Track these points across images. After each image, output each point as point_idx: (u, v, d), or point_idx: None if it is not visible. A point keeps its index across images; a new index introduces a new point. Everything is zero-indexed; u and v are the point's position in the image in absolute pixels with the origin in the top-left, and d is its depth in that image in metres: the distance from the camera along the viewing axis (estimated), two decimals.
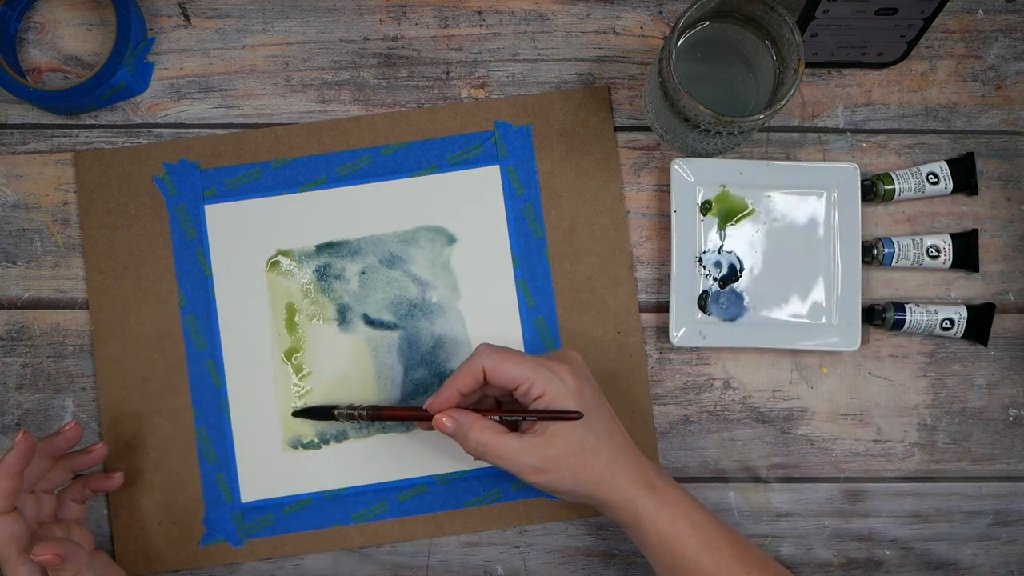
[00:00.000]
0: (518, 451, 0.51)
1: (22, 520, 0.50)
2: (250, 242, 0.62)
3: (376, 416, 0.56)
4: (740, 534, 0.54)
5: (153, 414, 0.61)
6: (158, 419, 0.60)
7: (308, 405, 0.60)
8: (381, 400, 0.61)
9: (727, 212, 0.62)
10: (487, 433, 0.52)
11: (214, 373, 0.61)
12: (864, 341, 0.61)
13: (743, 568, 0.51)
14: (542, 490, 0.54)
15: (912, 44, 0.61)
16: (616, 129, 0.63)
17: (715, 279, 0.61)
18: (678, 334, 0.60)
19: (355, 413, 0.57)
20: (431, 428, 0.54)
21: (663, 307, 0.62)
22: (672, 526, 0.52)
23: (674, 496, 0.53)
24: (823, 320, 0.61)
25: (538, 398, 0.52)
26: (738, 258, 0.62)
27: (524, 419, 0.53)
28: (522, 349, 0.61)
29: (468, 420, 0.52)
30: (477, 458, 0.53)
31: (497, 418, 0.53)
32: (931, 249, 0.61)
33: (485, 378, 0.53)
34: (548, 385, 0.51)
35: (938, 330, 0.61)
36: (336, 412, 0.57)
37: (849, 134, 0.64)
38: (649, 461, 0.54)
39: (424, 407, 0.54)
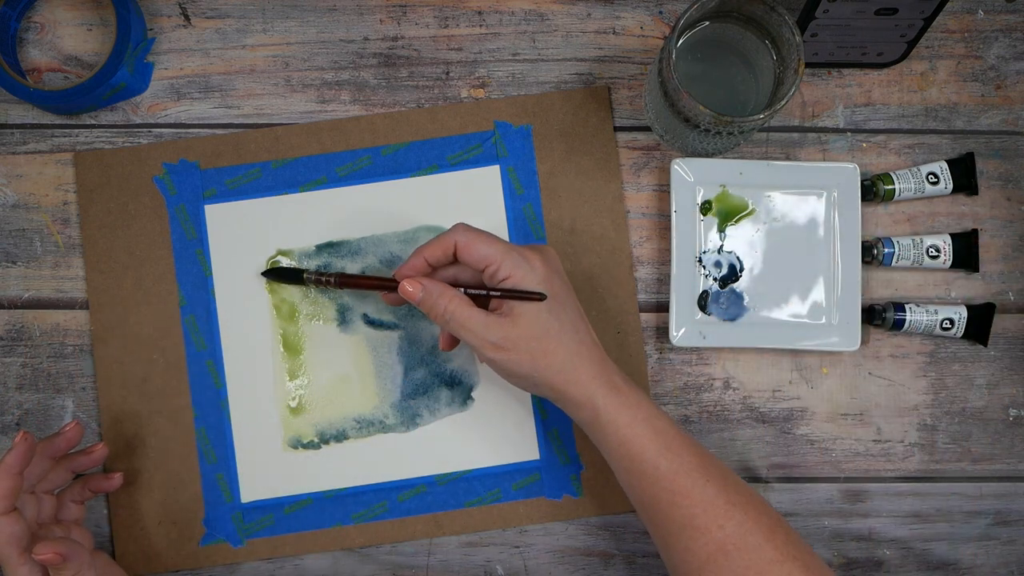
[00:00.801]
0: (482, 325, 0.52)
1: (22, 520, 0.50)
2: (250, 242, 0.62)
3: (344, 283, 0.57)
4: (701, 445, 0.53)
5: (153, 414, 0.61)
6: (158, 419, 0.60)
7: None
8: (382, 400, 0.61)
9: (727, 212, 0.62)
10: (455, 302, 0.52)
11: (214, 373, 0.61)
12: (864, 341, 0.61)
13: (702, 476, 0.51)
14: (500, 372, 0.54)
15: (912, 44, 0.61)
16: (616, 129, 0.63)
17: (715, 279, 0.61)
18: (678, 334, 0.60)
19: (323, 279, 0.58)
20: (398, 302, 0.55)
21: (663, 307, 0.62)
22: (632, 428, 0.51)
23: (636, 399, 0.52)
24: (823, 320, 0.61)
25: (505, 279, 0.52)
26: (738, 258, 0.62)
27: (488, 295, 0.53)
28: None
29: (437, 288, 0.53)
30: (442, 326, 0.53)
31: (463, 291, 0.53)
32: (931, 249, 0.61)
33: (456, 255, 0.53)
34: (516, 268, 0.52)
35: (938, 330, 0.61)
36: (305, 276, 0.58)
37: (849, 134, 0.64)
38: (613, 363, 0.54)
39: (392, 276, 0.55)
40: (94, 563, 0.52)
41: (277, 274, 0.60)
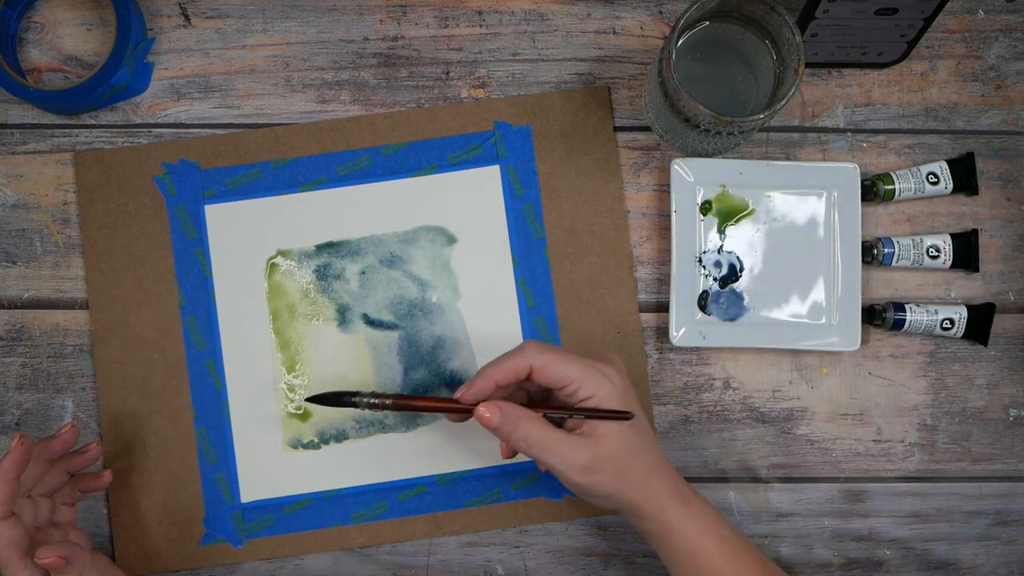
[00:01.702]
0: (568, 448, 0.50)
1: (20, 525, 0.50)
2: (250, 242, 0.62)
3: (401, 406, 0.53)
4: (761, 551, 0.54)
5: (153, 414, 0.61)
6: (158, 419, 0.60)
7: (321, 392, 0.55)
8: None
9: (727, 212, 0.62)
10: (537, 426, 0.51)
11: (214, 373, 0.61)
12: (864, 341, 0.61)
13: None
14: (580, 493, 0.53)
15: (912, 44, 0.61)
16: (616, 129, 0.63)
17: (715, 279, 0.61)
18: (678, 334, 0.60)
19: (378, 402, 0.53)
20: (462, 419, 0.53)
21: (663, 307, 0.62)
22: (700, 538, 0.52)
23: (701, 508, 0.53)
24: (823, 320, 0.61)
25: (586, 399, 0.51)
26: (738, 258, 0.62)
27: (571, 416, 0.52)
28: None
29: (516, 412, 0.51)
30: (522, 451, 0.51)
31: (543, 413, 0.52)
32: (931, 249, 0.61)
33: (529, 376, 0.52)
34: (598, 387, 0.51)
35: (938, 330, 0.61)
36: (356, 400, 0.53)
37: (849, 134, 0.64)
38: (676, 471, 0.54)
39: (456, 397, 0.52)
40: (94, 564, 0.52)
41: (324, 400, 0.54)
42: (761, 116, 0.53)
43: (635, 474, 0.51)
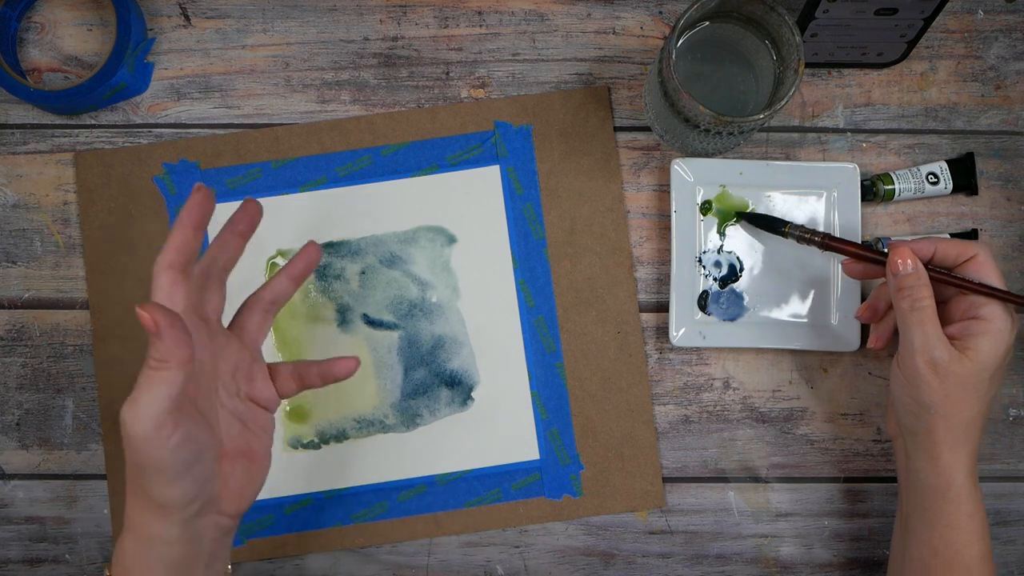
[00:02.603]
0: (938, 337, 0.50)
1: (193, 289, 0.45)
2: (250, 242, 0.62)
3: (829, 246, 0.56)
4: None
5: None
6: None
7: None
8: (382, 400, 0.61)
9: (727, 212, 0.62)
10: (932, 301, 0.50)
11: None
12: (864, 341, 0.61)
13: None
14: (903, 385, 0.52)
15: (912, 44, 0.61)
16: (616, 129, 0.63)
17: (715, 279, 0.61)
18: (678, 334, 0.60)
19: (808, 236, 0.57)
20: (859, 275, 0.56)
21: (663, 307, 0.62)
22: (969, 520, 0.51)
23: (977, 489, 0.52)
24: (823, 320, 0.61)
25: (979, 311, 0.51)
26: (738, 258, 0.62)
27: (971, 288, 0.51)
28: (522, 350, 0.61)
29: (926, 277, 0.51)
30: (901, 313, 0.51)
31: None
32: None
33: (964, 265, 0.51)
34: (1004, 315, 0.51)
35: None
36: (787, 229, 0.58)
37: (849, 134, 0.64)
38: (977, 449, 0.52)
39: (886, 249, 0.53)
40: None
41: (754, 219, 0.59)
42: (761, 116, 0.53)
43: (960, 416, 0.50)
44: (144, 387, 0.40)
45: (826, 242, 0.56)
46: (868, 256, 0.55)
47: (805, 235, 0.57)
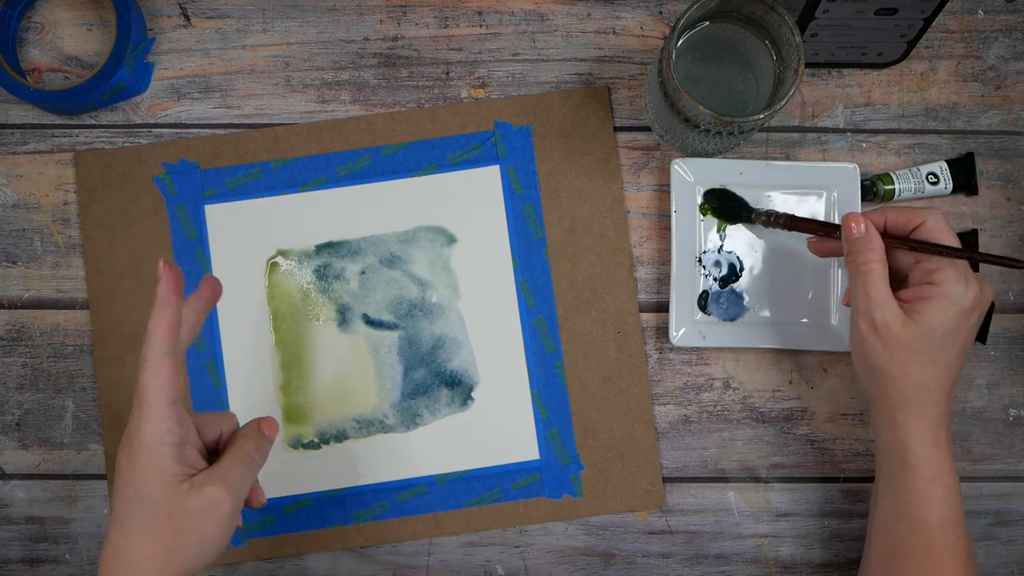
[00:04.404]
0: (882, 300, 0.50)
1: (178, 370, 0.45)
2: (250, 242, 0.62)
3: (789, 225, 0.57)
4: (969, 536, 0.53)
5: None
6: None
7: None
8: (382, 400, 0.61)
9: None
10: (880, 265, 0.51)
11: (214, 373, 0.61)
12: None
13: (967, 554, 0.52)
14: (857, 350, 0.52)
15: (912, 44, 0.61)
16: (616, 129, 0.63)
17: (715, 279, 0.61)
18: (678, 334, 0.60)
19: (770, 219, 0.58)
20: (824, 253, 0.57)
21: (663, 307, 0.62)
22: (928, 484, 0.51)
23: (945, 455, 0.52)
24: (823, 320, 0.61)
25: (932, 274, 0.51)
26: (738, 258, 0.62)
27: (923, 248, 0.51)
28: (522, 350, 0.61)
29: (878, 241, 0.51)
30: (852, 275, 0.52)
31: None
32: None
33: (915, 231, 0.52)
34: (956, 280, 0.50)
35: None
36: (753, 216, 0.59)
37: (849, 134, 0.64)
38: (950, 416, 0.52)
39: (842, 218, 0.53)
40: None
41: (720, 203, 0.60)
42: (761, 116, 0.53)
43: (910, 378, 0.51)
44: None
45: (788, 223, 0.57)
46: (827, 229, 0.56)
47: (771, 219, 0.58)
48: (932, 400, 0.51)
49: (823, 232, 0.56)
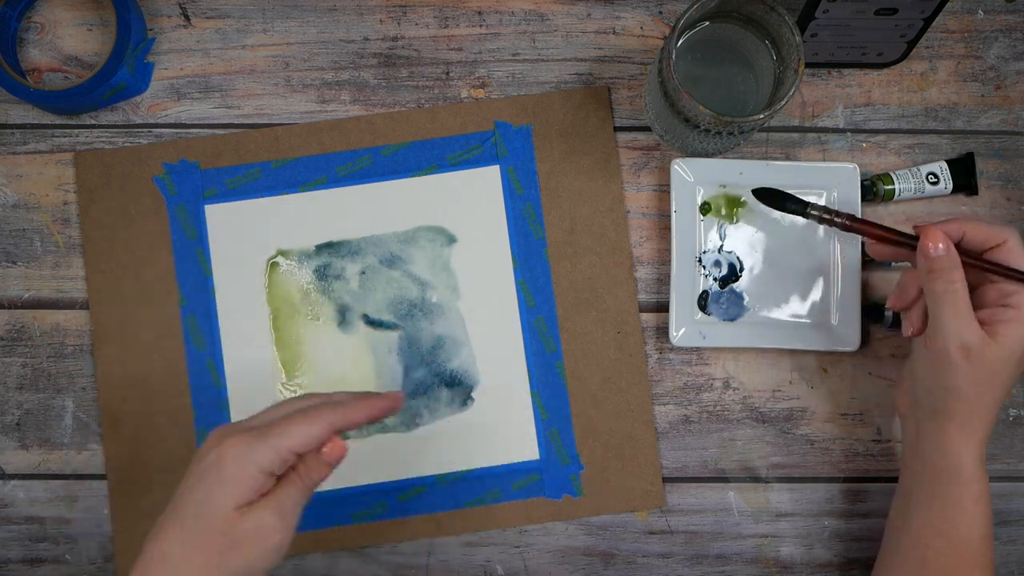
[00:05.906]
0: (969, 322, 0.49)
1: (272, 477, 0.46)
2: (250, 242, 0.62)
3: (851, 228, 0.54)
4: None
5: (153, 414, 0.60)
6: (158, 419, 0.60)
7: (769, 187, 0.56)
8: None
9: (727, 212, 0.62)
10: (964, 285, 0.50)
11: (214, 373, 0.61)
12: (864, 341, 0.61)
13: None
14: (922, 368, 0.52)
15: (912, 44, 0.61)
16: (616, 129, 0.63)
17: (715, 279, 0.61)
18: (678, 334, 0.60)
19: (828, 217, 0.54)
20: (885, 256, 0.55)
21: (663, 307, 0.62)
22: (974, 504, 0.51)
23: (984, 477, 0.52)
24: (823, 320, 0.61)
25: (1011, 297, 0.50)
26: (738, 258, 0.62)
27: (1004, 273, 0.51)
28: (522, 350, 0.61)
29: (957, 260, 0.50)
30: (931, 297, 0.50)
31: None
32: None
33: (988, 251, 0.51)
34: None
35: None
36: (809, 210, 0.54)
37: (849, 134, 0.64)
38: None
39: (912, 229, 0.52)
40: None
41: (771, 198, 0.55)
42: (761, 116, 0.53)
43: (986, 394, 0.50)
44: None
45: (848, 224, 0.54)
46: (895, 239, 0.53)
47: (826, 216, 0.54)
48: (990, 420, 0.51)
49: (886, 240, 0.54)
